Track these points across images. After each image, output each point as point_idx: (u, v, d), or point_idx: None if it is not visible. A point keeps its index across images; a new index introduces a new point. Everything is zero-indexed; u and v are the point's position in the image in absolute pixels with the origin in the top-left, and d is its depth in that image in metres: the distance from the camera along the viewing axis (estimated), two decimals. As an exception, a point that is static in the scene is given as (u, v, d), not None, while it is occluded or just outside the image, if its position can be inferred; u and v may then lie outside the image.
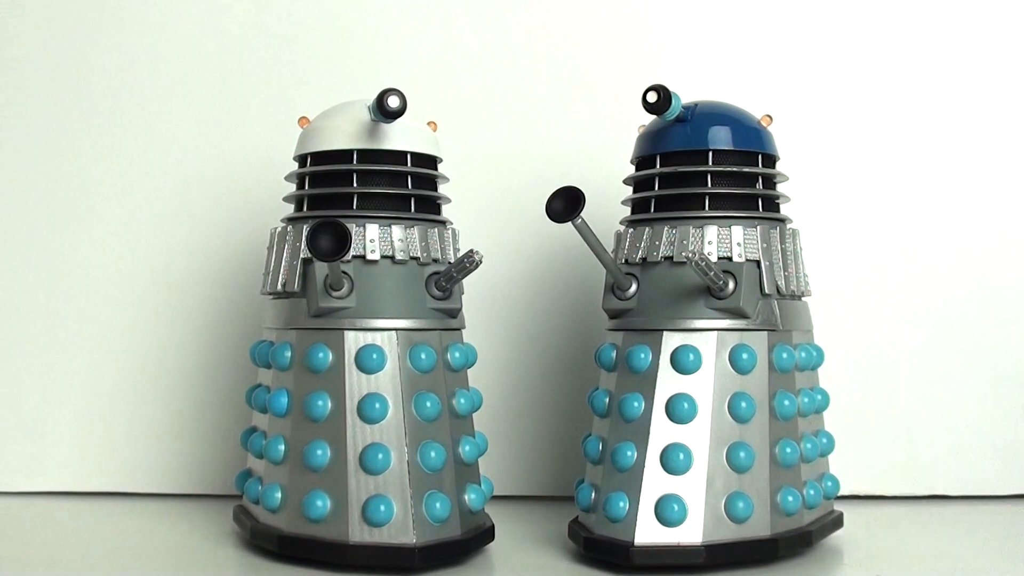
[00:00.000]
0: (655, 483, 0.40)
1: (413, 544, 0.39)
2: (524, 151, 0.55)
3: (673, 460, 0.39)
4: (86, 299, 0.55)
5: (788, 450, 0.41)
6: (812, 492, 0.42)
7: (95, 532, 0.48)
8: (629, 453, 0.40)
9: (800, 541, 0.41)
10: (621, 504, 0.40)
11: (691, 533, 0.39)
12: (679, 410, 0.40)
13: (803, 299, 0.44)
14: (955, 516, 0.51)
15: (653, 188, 0.43)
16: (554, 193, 0.39)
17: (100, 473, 0.55)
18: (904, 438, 0.54)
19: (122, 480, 0.55)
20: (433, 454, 0.40)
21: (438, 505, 0.39)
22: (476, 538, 0.41)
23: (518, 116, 0.55)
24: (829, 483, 0.44)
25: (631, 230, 0.43)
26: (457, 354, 0.42)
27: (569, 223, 0.39)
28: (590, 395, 0.43)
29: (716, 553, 0.39)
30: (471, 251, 0.40)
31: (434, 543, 0.39)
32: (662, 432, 0.40)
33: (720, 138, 0.42)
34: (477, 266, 0.40)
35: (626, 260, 0.43)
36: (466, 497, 0.41)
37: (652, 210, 0.43)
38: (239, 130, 0.55)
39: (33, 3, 0.56)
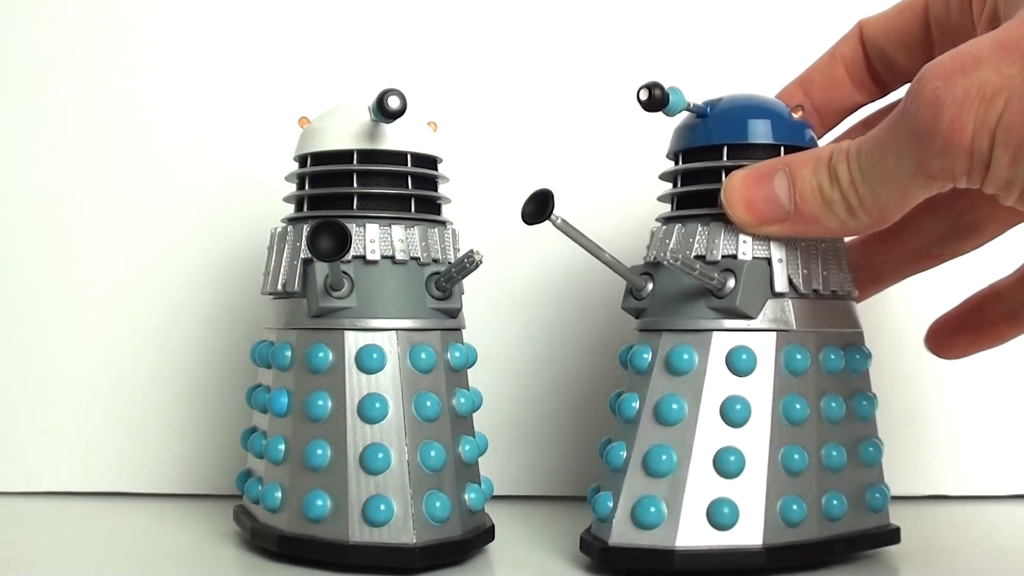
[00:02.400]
0: (636, 484, 0.39)
1: (413, 544, 0.39)
2: (524, 151, 0.55)
3: (655, 461, 0.39)
4: (86, 299, 0.55)
5: (796, 457, 0.39)
6: (836, 503, 0.40)
7: (95, 532, 0.48)
8: (621, 453, 0.40)
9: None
10: (608, 504, 0.39)
11: (666, 536, 0.38)
12: (666, 411, 0.39)
13: (840, 299, 0.42)
14: (955, 516, 0.51)
15: (677, 186, 0.42)
16: (528, 196, 0.39)
17: (100, 473, 0.55)
18: (905, 438, 0.54)
19: (122, 480, 0.55)
20: (433, 454, 0.40)
21: (438, 505, 0.39)
22: (476, 538, 0.41)
23: (518, 116, 0.55)
24: (877, 495, 0.42)
25: (661, 228, 0.42)
26: (457, 354, 0.42)
27: (551, 224, 0.39)
28: (612, 395, 0.43)
29: (691, 558, 0.38)
30: (471, 251, 0.40)
31: (434, 543, 0.39)
32: (648, 433, 0.39)
33: (733, 132, 0.41)
34: (477, 266, 0.40)
35: (645, 260, 0.42)
36: (466, 497, 0.41)
37: (673, 208, 0.42)
38: (239, 130, 0.55)
39: (33, 5, 0.56)
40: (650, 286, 0.42)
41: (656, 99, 0.39)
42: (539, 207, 0.39)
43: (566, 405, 0.54)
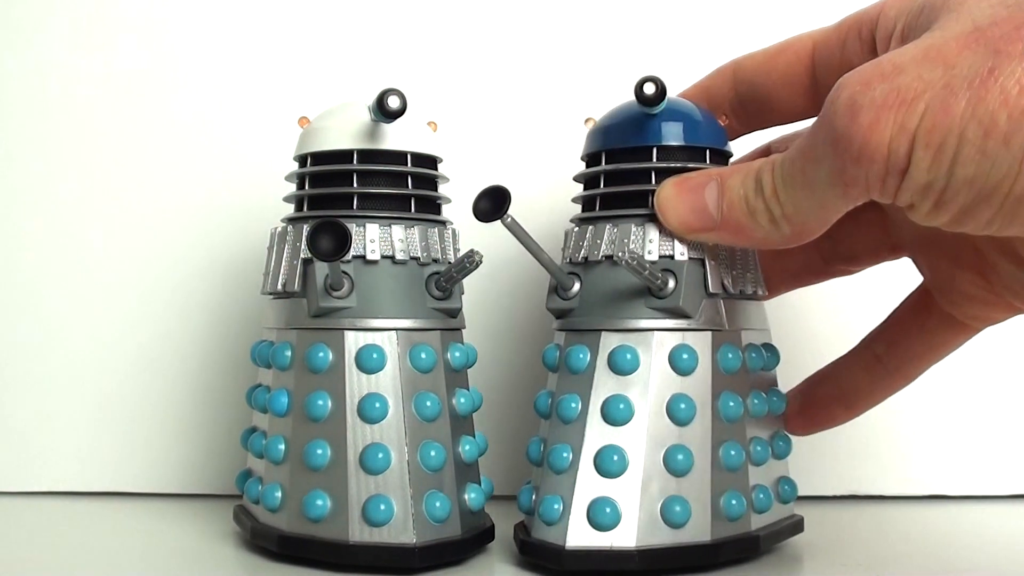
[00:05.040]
0: (588, 485, 0.39)
1: (413, 544, 0.39)
2: (524, 150, 0.55)
3: (607, 462, 0.39)
4: (86, 299, 0.55)
5: (733, 453, 0.39)
6: (762, 496, 0.41)
7: (95, 532, 0.48)
8: (565, 455, 0.40)
9: (745, 546, 0.40)
10: (556, 507, 0.39)
11: (625, 537, 0.38)
12: (615, 412, 0.39)
13: (756, 299, 0.43)
14: (955, 516, 0.51)
15: (599, 186, 0.42)
16: (481, 193, 0.39)
17: (100, 473, 0.55)
18: (903, 438, 0.54)
19: (122, 480, 0.55)
20: (433, 454, 0.40)
21: (438, 505, 0.39)
22: (476, 538, 0.41)
23: (518, 116, 0.55)
24: (786, 487, 0.43)
25: (576, 228, 0.43)
26: (457, 354, 0.42)
27: (499, 222, 0.39)
28: (536, 396, 0.43)
29: (651, 558, 0.38)
30: (471, 251, 0.40)
31: (434, 543, 0.39)
32: (597, 433, 0.39)
33: (666, 134, 0.41)
34: (477, 266, 0.40)
35: (569, 259, 0.42)
36: (466, 497, 0.41)
37: (597, 208, 0.42)
38: (239, 130, 0.55)
39: (33, 5, 0.56)
40: (577, 286, 0.42)
41: (660, 93, 0.39)
42: (496, 205, 0.39)
43: (566, 405, 0.54)
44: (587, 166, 0.43)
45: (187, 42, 0.56)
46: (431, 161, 0.44)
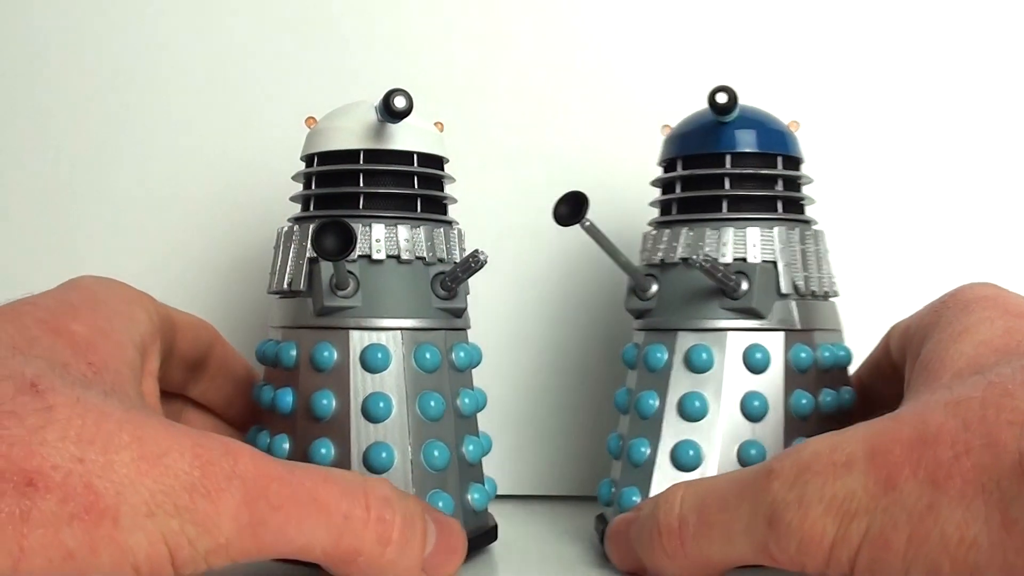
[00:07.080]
0: (665, 478, 0.40)
1: (416, 543, 0.39)
2: (530, 151, 0.55)
3: (683, 456, 0.40)
4: (93, 296, 0.55)
5: None
6: None
7: (101, 528, 0.48)
8: (643, 449, 0.41)
9: None
10: (634, 499, 0.41)
11: None
12: (690, 408, 0.40)
13: (829, 300, 0.44)
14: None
15: (675, 191, 0.44)
16: (560, 198, 0.40)
17: (106, 470, 0.55)
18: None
19: (128, 477, 0.55)
20: (437, 453, 0.40)
21: (441, 504, 0.40)
22: (479, 538, 0.41)
23: (525, 116, 0.55)
24: None
25: (654, 232, 0.44)
26: (462, 354, 0.42)
27: (578, 226, 0.40)
28: (616, 393, 0.44)
29: None
30: (476, 251, 0.40)
31: (437, 542, 0.39)
32: (674, 429, 0.41)
33: (739, 141, 0.42)
34: (482, 266, 0.41)
35: (647, 261, 0.44)
36: (469, 497, 0.41)
37: (674, 212, 0.44)
38: (246, 130, 0.55)
39: (41, 4, 0.56)
40: (655, 287, 0.43)
41: (732, 102, 0.40)
42: (574, 210, 0.40)
43: (570, 405, 0.54)
44: (664, 171, 0.45)
45: (193, 41, 0.56)
46: (437, 161, 0.44)
